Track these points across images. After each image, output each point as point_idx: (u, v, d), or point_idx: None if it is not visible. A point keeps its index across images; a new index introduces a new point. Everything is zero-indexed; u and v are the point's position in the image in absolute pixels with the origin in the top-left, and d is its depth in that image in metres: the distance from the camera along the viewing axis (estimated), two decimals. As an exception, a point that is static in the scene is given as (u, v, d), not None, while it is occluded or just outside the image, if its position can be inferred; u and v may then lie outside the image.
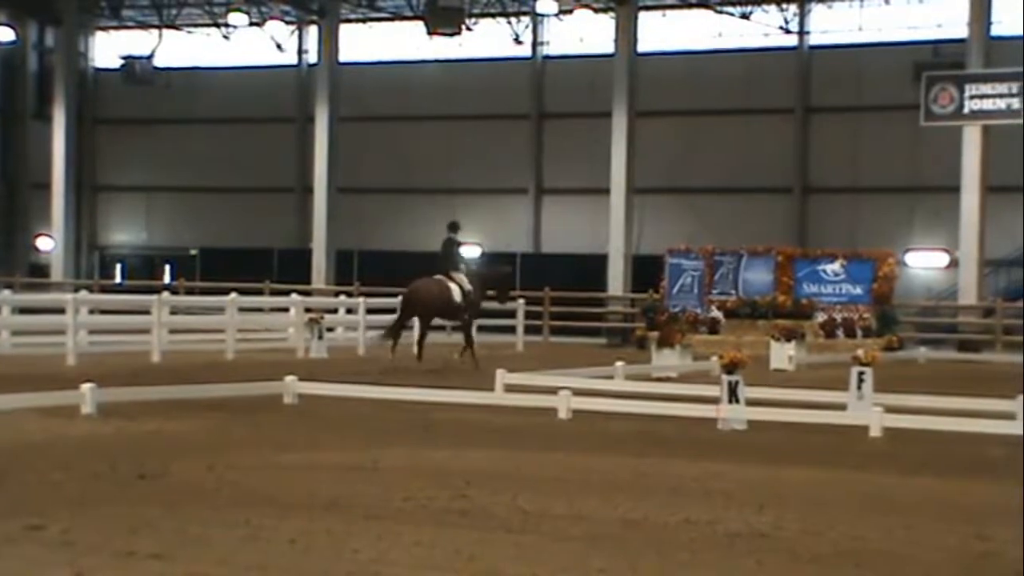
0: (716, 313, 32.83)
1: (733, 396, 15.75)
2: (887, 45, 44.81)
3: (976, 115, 35.85)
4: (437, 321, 26.50)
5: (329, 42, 45.53)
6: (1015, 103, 35.18)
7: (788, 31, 46.54)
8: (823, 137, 46.33)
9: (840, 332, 31.74)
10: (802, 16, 46.65)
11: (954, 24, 40.35)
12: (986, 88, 35.69)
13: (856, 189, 45.42)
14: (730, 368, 15.91)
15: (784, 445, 14.37)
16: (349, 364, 26.20)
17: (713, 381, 18.15)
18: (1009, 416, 15.89)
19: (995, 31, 37.54)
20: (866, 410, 16.00)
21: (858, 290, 33.11)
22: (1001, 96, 35.43)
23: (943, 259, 43.41)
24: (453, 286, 25.21)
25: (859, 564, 8.28)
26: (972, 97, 35.73)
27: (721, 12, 45.73)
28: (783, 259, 34.12)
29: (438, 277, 25.56)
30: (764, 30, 46.45)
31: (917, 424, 15.30)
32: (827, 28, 46.61)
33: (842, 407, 16.75)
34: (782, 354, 26.92)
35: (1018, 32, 41.67)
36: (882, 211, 44.57)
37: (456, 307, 25.25)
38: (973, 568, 8.24)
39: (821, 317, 32.11)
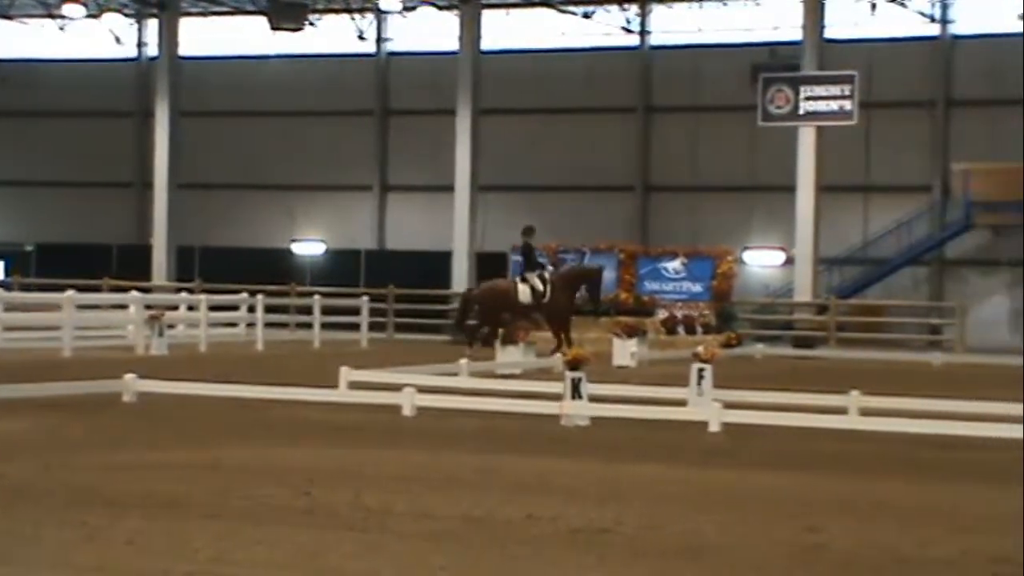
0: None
1: (576, 393, 15.90)
2: (725, 46, 45.63)
3: (810, 116, 36.68)
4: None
5: (169, 35, 44.83)
6: (847, 105, 36.07)
7: (629, 31, 47.12)
8: (664, 136, 47.01)
9: (681, 329, 32.22)
10: (643, 16, 47.26)
11: (789, 27, 41.25)
12: (820, 90, 36.54)
13: (696, 188, 46.15)
14: (573, 365, 16.06)
15: (626, 441, 14.55)
16: (190, 362, 25.86)
17: (557, 378, 18.30)
18: (841, 411, 16.30)
19: (828, 34, 38.46)
20: (705, 406, 16.27)
21: (698, 287, 33.69)
22: (834, 98, 36.30)
23: (779, 257, 44.34)
24: (523, 287, 25.95)
25: (696, 558, 8.43)
26: (807, 98, 36.55)
27: (564, 11, 46.10)
28: (625, 256, 34.56)
29: (512, 279, 26.71)
30: (606, 30, 46.95)
31: (754, 419, 15.61)
32: (668, 29, 47.28)
33: (682, 403, 17.01)
34: (624, 351, 27.21)
35: (850, 35, 42.81)
36: (721, 209, 45.37)
37: (523, 307, 25.98)
38: (803, 560, 8.45)
39: (662, 314, 32.55)
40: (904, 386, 20.64)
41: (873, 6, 42.23)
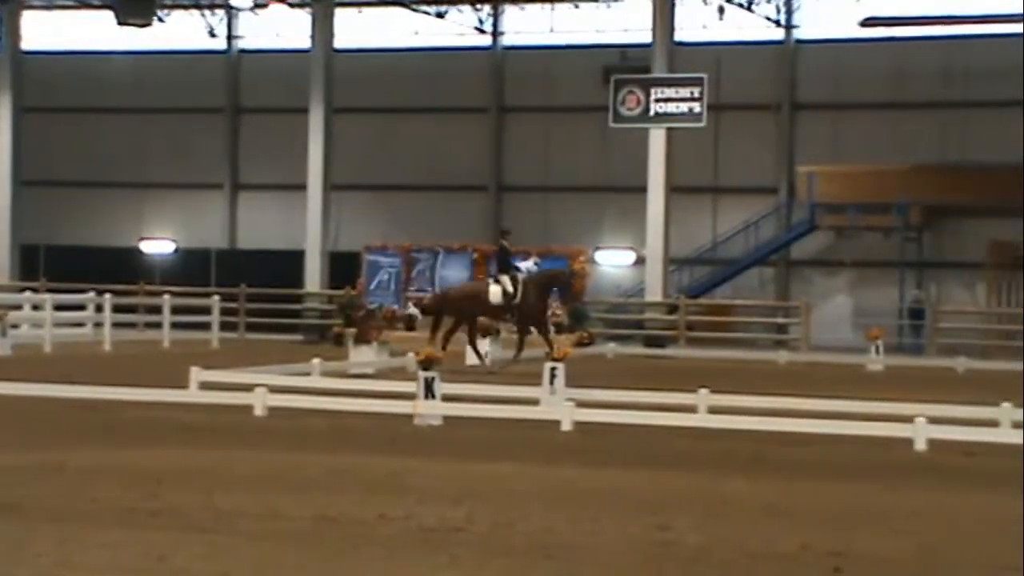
0: (413, 310, 33.01)
1: (429, 392, 15.92)
2: (577, 48, 45.96)
3: (661, 118, 37.08)
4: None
5: (12, 29, 43.77)
6: (696, 107, 36.56)
7: (482, 31, 47.25)
8: (517, 136, 47.20)
9: (534, 328, 32.30)
10: (496, 17, 47.41)
11: (640, 29, 41.67)
12: (670, 92, 36.97)
13: (549, 188, 46.42)
14: (426, 364, 16.07)
15: (479, 440, 14.62)
16: (35, 362, 25.32)
17: (410, 377, 18.30)
18: (691, 409, 16.55)
19: (677, 37, 38.93)
20: (558, 405, 16.42)
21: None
22: (684, 100, 36.74)
23: (630, 257, 44.81)
24: (494, 288, 25.98)
25: (549, 556, 8.50)
26: (657, 100, 36.94)
27: (417, 11, 46.04)
28: (479, 256, 34.61)
29: (481, 280, 27.05)
30: (459, 30, 47.01)
31: (606, 418, 15.78)
32: (520, 29, 47.49)
33: (535, 402, 17.13)
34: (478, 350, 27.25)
35: (699, 38, 43.44)
36: (573, 210, 45.69)
37: (494, 308, 26.02)
38: (653, 556, 8.57)
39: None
40: (751, 384, 21.03)
41: (721, 10, 42.87)
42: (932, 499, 11.12)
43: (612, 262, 45.51)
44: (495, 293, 25.96)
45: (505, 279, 26.08)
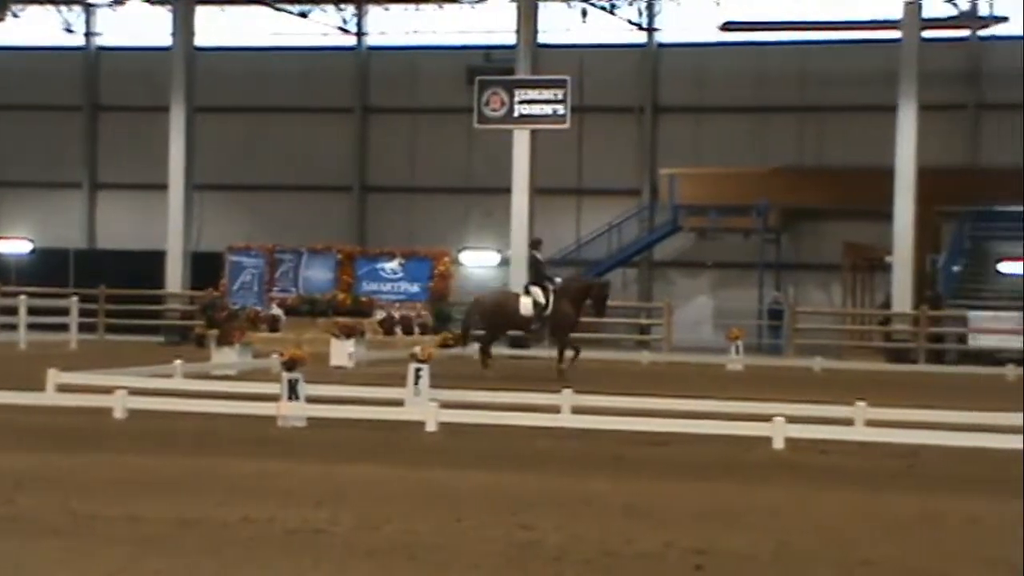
0: (277, 311, 32.83)
1: (293, 393, 15.84)
2: (442, 48, 46.02)
3: (524, 119, 37.25)
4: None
5: None
6: (560, 109, 36.80)
7: (346, 31, 47.07)
8: (381, 137, 47.11)
9: (399, 329, 32.35)
10: (359, 17, 47.27)
11: (504, 31, 41.89)
12: (534, 93, 37.17)
13: (413, 189, 46.42)
14: (290, 365, 15.99)
15: (343, 442, 14.58)
16: None
17: (273, 379, 18.18)
18: (554, 409, 16.67)
19: (541, 39, 39.20)
20: (423, 406, 16.43)
21: (415, 288, 33.88)
22: (547, 102, 36.96)
23: (495, 258, 44.98)
24: (524, 299, 25.69)
25: (412, 557, 8.52)
26: (521, 102, 37.11)
27: (280, 10, 45.70)
28: (343, 257, 34.54)
29: (511, 291, 27.06)
30: (323, 29, 46.78)
31: (470, 419, 15.84)
32: (384, 29, 47.40)
33: (400, 403, 17.12)
34: (342, 351, 27.20)
35: (563, 41, 43.79)
36: (438, 211, 45.75)
37: (524, 319, 25.69)
38: (517, 557, 8.63)
39: (380, 315, 32.65)
40: (614, 384, 21.25)
41: (584, 13, 43.26)
42: (790, 496, 11.34)
43: (476, 263, 45.63)
44: (525, 305, 25.74)
45: (536, 290, 25.88)
